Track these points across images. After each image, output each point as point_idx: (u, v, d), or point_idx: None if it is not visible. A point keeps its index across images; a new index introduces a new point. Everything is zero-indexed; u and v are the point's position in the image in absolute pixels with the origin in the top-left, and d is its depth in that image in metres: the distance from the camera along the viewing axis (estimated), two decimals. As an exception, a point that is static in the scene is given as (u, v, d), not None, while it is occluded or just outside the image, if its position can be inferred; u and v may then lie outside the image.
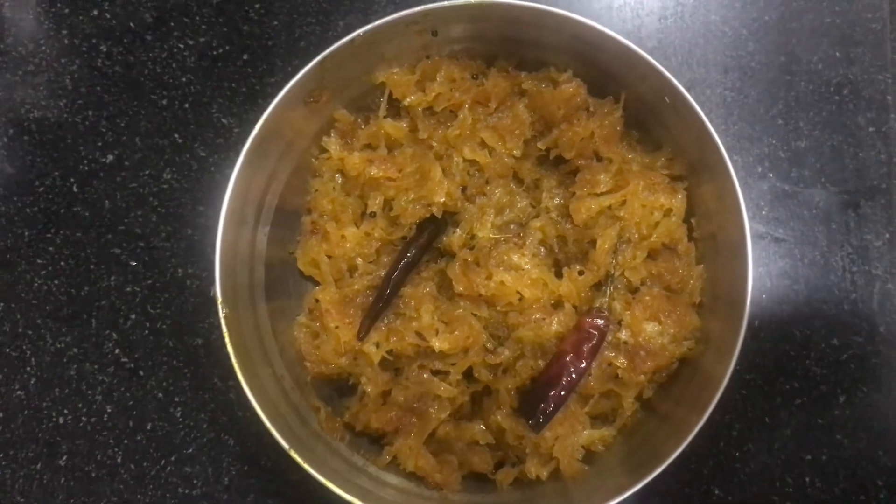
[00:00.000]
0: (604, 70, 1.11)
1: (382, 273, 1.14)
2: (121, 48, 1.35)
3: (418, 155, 1.14)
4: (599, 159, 1.12)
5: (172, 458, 1.26)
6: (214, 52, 1.34)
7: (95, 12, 1.35)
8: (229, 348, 1.04)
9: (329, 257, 1.15)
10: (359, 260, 1.14)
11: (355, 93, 1.18)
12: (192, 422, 1.27)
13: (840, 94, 1.28)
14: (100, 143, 1.32)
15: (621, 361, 1.09)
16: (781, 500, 1.21)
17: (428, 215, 1.13)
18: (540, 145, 1.15)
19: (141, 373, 1.28)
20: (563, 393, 1.07)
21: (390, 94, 1.17)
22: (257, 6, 1.35)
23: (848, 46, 1.29)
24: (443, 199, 1.11)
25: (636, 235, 1.11)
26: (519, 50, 1.15)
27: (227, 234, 1.06)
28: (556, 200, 1.16)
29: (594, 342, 1.08)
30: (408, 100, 1.15)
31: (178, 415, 1.27)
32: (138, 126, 1.32)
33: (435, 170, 1.11)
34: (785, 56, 1.30)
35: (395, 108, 1.19)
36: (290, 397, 1.12)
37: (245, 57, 1.34)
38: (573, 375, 1.07)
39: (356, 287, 1.13)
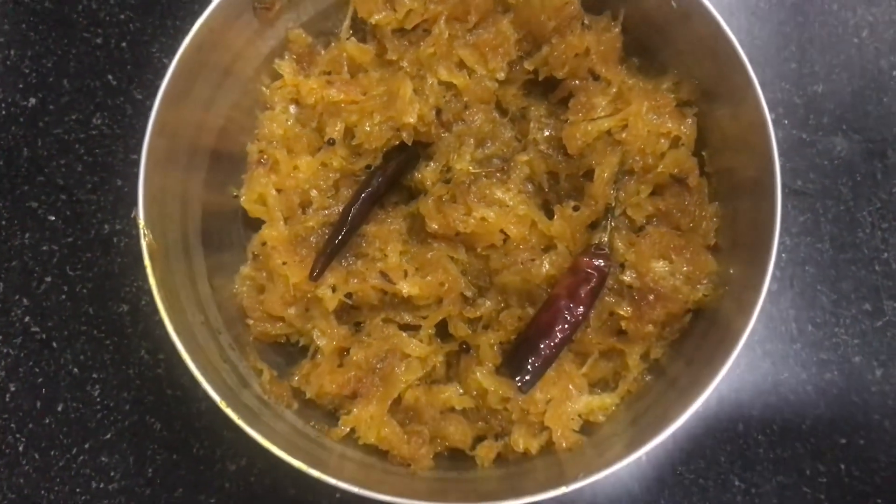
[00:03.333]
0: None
1: (341, 208, 0.96)
2: (52, -19, 1.19)
3: (386, 77, 0.98)
4: (596, 78, 0.97)
5: (86, 446, 1.05)
6: (159, -13, 1.19)
7: (25, -57, 1.20)
8: (151, 280, 0.85)
9: (279, 191, 0.97)
10: (314, 192, 0.96)
11: (312, 12, 1.02)
12: (111, 402, 1.06)
13: (859, 37, 1.15)
14: (21, 85, 1.15)
15: (625, 309, 0.91)
16: (814, 491, 1.02)
17: (396, 142, 0.97)
18: (527, 65, 0.99)
19: (54, 344, 1.08)
20: (555, 344, 0.89)
21: (354, 13, 1.02)
22: (209, -61, 1.20)
23: (865, -14, 1.17)
24: (413, 120, 0.94)
25: (640, 164, 0.94)
26: (503, -38, 1.00)
27: (152, 178, 0.89)
28: (546, 132, 0.99)
29: (593, 284, 0.90)
30: (374, 18, 1.00)
31: (96, 394, 1.06)
32: (67, 66, 1.16)
33: (405, 87, 0.95)
34: (795, -4, 1.17)
35: (361, 33, 1.03)
36: (227, 354, 0.92)
37: (194, -8, 1.19)
38: (568, 323, 0.89)
39: (310, 224, 0.95)
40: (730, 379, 1.05)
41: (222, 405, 0.82)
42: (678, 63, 0.98)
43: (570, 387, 0.92)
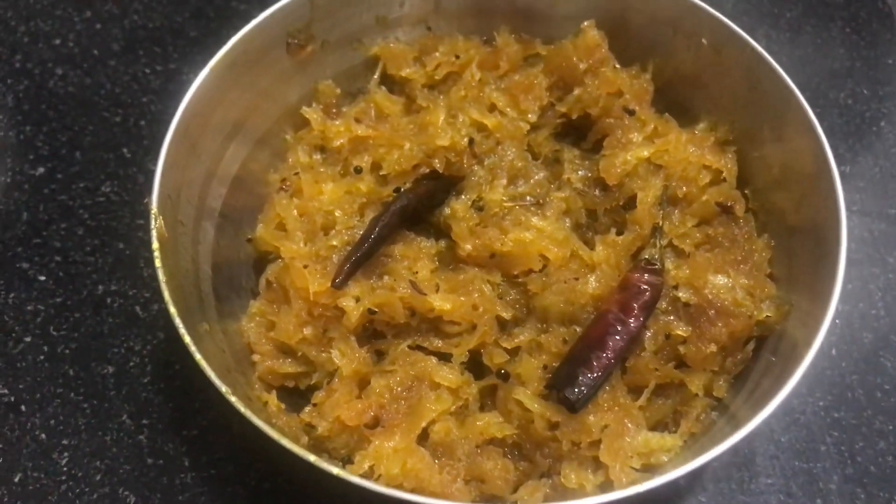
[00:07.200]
0: (630, 35, 0.99)
1: (368, 231, 0.89)
2: (79, 71, 1.20)
3: (416, 120, 0.96)
4: (631, 114, 0.95)
5: (41, 523, 0.87)
6: (184, 77, 1.20)
7: (58, 41, 1.23)
8: (158, 264, 0.76)
9: (300, 216, 0.90)
10: (338, 213, 0.89)
11: (339, 70, 1.02)
12: (80, 472, 0.90)
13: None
14: (31, 156, 1.12)
15: (683, 328, 0.82)
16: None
17: (427, 170, 0.92)
18: (560, 107, 0.97)
19: (22, 407, 0.94)
20: (609, 356, 0.78)
21: (384, 70, 1.02)
22: (238, 40, 1.24)
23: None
24: (446, 143, 0.90)
25: (684, 190, 0.90)
26: (529, 25, 1.03)
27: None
28: (580, 173, 0.96)
29: (646, 298, 0.81)
30: (404, 72, 1.00)
31: (63, 463, 0.91)
32: (81, 141, 1.13)
33: (437, 114, 0.93)
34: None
35: (389, 89, 1.03)
36: (231, 372, 0.80)
37: (218, 81, 1.20)
38: (622, 335, 0.79)
39: (333, 243, 0.87)
40: (799, 449, 0.92)
41: (228, 394, 0.70)
42: (712, 109, 0.97)
43: (627, 421, 0.79)
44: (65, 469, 0.90)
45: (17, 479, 0.89)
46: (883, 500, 0.89)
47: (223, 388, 0.70)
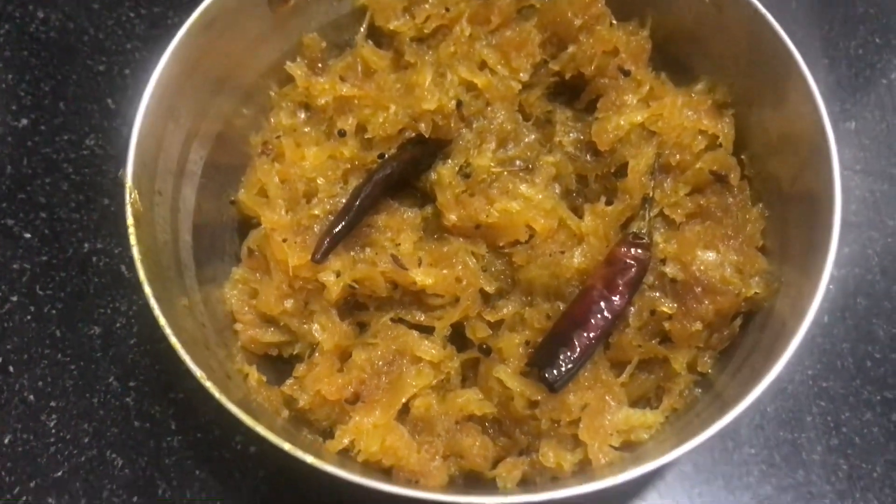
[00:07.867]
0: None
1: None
2: (60, 14, 1.16)
3: (403, 78, 0.93)
4: (626, 74, 0.91)
5: (31, 485, 0.89)
6: (170, 21, 1.16)
7: (38, -19, 1.19)
8: (133, 241, 0.75)
9: (282, 182, 0.88)
10: (320, 180, 0.87)
11: (325, 21, 0.98)
12: (68, 434, 0.91)
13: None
14: (14, 107, 1.09)
15: (669, 305, 0.80)
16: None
17: (413, 134, 0.89)
18: (553, 65, 0.93)
19: (10, 368, 0.95)
20: (591, 336, 0.77)
21: (371, 22, 0.98)
22: (224, -19, 1.19)
23: (887, 35, 1.15)
24: (432, 107, 0.87)
25: (677, 158, 0.87)
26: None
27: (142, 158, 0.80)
28: (573, 135, 0.93)
29: (632, 274, 0.80)
30: (392, 24, 0.96)
31: (52, 425, 0.92)
32: (65, 91, 1.11)
33: (424, 74, 0.89)
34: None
35: (377, 41, 0.99)
36: (210, 345, 0.80)
37: (204, 26, 1.16)
38: (605, 314, 0.78)
39: (315, 212, 0.85)
40: (784, 419, 0.92)
41: (203, 379, 0.69)
42: (711, 69, 0.93)
43: (608, 398, 0.78)
44: (53, 431, 0.91)
45: (6, 441, 0.91)
46: (865, 471, 0.89)
47: (198, 374, 0.69)
